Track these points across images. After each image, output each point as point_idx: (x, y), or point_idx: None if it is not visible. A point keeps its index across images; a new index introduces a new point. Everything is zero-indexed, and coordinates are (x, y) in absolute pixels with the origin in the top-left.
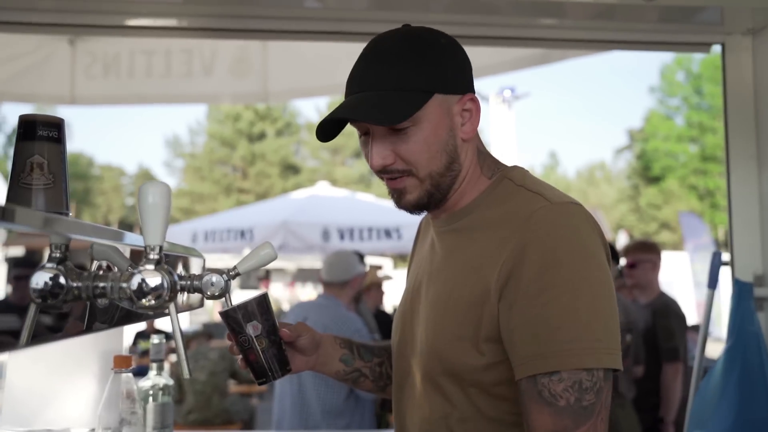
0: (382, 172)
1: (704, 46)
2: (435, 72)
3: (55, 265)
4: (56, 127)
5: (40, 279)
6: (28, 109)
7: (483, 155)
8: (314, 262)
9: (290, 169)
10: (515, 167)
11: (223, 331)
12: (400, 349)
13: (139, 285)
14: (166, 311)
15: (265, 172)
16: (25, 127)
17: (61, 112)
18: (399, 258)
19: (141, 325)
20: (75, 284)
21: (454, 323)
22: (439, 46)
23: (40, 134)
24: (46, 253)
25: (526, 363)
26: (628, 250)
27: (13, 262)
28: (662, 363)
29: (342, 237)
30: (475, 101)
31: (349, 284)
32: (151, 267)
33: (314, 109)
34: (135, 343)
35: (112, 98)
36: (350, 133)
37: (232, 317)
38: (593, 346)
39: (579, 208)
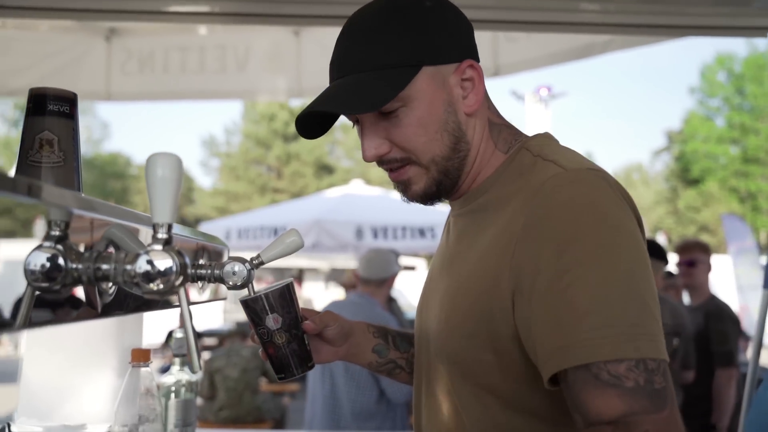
0: (380, 163)
1: (762, 31)
2: (419, 41)
3: (53, 245)
4: (68, 102)
5: (36, 260)
6: None
7: (497, 128)
8: (348, 261)
9: (325, 169)
10: (538, 135)
11: None
12: (419, 349)
13: (146, 267)
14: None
15: (299, 172)
16: (34, 101)
17: (100, 111)
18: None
19: (174, 322)
20: (75, 266)
21: (464, 320)
22: (422, 11)
23: (50, 109)
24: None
25: (550, 358)
26: (685, 248)
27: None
28: (715, 368)
29: (375, 236)
30: (475, 68)
31: (387, 283)
32: (158, 247)
33: None
34: (167, 341)
35: (147, 94)
36: None
37: (251, 307)
38: (632, 332)
39: (599, 174)
